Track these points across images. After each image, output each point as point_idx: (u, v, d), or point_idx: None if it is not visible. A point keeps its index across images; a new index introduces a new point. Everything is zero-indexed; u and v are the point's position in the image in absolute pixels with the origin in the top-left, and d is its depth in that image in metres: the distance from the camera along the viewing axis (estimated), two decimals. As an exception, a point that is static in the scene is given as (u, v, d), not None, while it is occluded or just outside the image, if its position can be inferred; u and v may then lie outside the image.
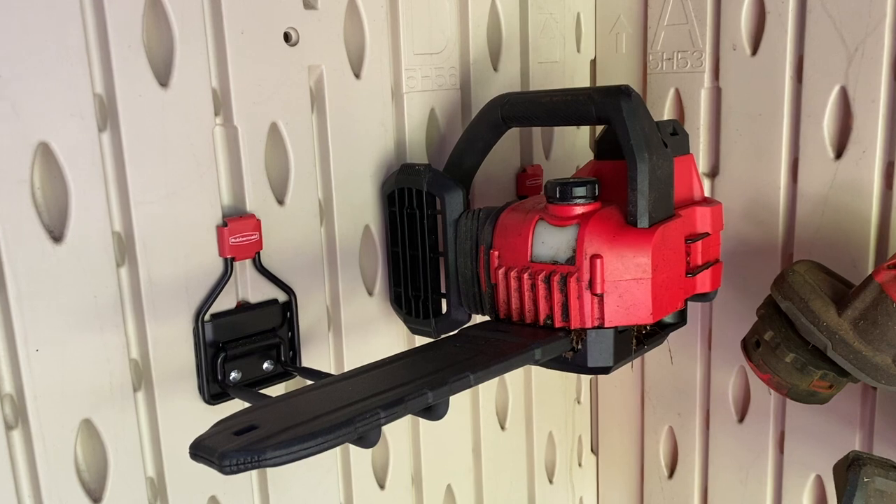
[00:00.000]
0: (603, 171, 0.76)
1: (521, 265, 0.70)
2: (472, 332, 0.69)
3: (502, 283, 0.71)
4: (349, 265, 0.82)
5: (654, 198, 0.68)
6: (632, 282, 0.66)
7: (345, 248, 0.81)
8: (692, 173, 0.78)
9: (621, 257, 0.66)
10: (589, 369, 0.68)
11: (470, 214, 0.76)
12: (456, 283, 0.77)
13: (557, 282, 0.67)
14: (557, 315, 0.68)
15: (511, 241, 0.71)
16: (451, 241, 0.77)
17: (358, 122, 0.80)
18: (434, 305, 0.80)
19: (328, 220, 0.80)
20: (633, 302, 0.67)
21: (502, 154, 0.95)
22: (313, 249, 0.79)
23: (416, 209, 0.79)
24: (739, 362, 1.00)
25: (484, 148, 0.80)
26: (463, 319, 0.79)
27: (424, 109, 0.86)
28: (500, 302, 0.72)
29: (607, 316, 0.67)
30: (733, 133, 0.95)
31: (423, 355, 0.64)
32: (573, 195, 0.68)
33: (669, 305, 0.70)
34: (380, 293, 0.85)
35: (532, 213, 0.70)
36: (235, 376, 0.74)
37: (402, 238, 0.81)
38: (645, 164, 0.66)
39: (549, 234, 0.69)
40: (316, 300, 0.80)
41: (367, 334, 0.84)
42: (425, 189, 0.77)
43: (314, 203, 0.78)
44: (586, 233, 0.66)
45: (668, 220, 0.69)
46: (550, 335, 0.67)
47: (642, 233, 0.67)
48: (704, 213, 0.76)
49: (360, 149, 0.81)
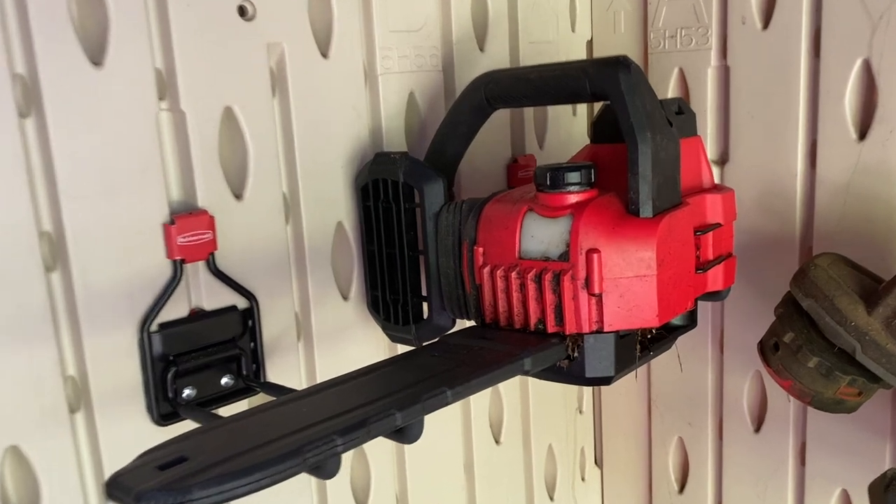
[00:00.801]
0: (600, 156, 0.67)
1: (508, 263, 0.61)
2: (453, 340, 0.61)
3: (487, 283, 0.63)
4: (320, 267, 0.74)
5: (659, 183, 0.59)
6: (634, 279, 0.58)
7: (315, 247, 0.73)
8: (700, 157, 0.70)
9: (622, 251, 0.58)
10: (587, 380, 0.60)
11: (451, 207, 0.67)
12: (437, 284, 0.69)
13: (549, 281, 0.59)
14: (550, 319, 0.59)
15: (496, 235, 0.62)
16: (431, 237, 0.68)
17: (327, 107, 0.72)
18: (414, 310, 0.72)
19: (295, 216, 0.72)
20: (636, 302, 0.58)
21: (491, 143, 0.87)
22: (278, 249, 0.71)
23: (392, 202, 0.70)
24: (755, 366, 0.91)
25: (467, 133, 0.72)
26: (446, 325, 0.70)
27: (402, 93, 0.78)
28: (486, 305, 0.63)
29: (607, 319, 0.58)
30: (744, 116, 0.86)
31: (396, 368, 0.56)
32: (566, 182, 0.60)
33: (678, 306, 0.62)
34: (356, 297, 0.77)
35: (520, 204, 0.62)
36: (189, 393, 0.65)
37: (377, 235, 0.72)
38: (647, 145, 0.58)
39: (540, 227, 0.60)
40: (282, 306, 0.72)
41: (342, 343, 0.76)
42: (401, 180, 0.69)
43: (277, 197, 0.70)
44: (581, 224, 0.58)
45: (674, 209, 0.61)
46: (542, 342, 0.59)
47: (645, 223, 0.58)
48: (715, 200, 0.67)
49: (329, 137, 0.73)
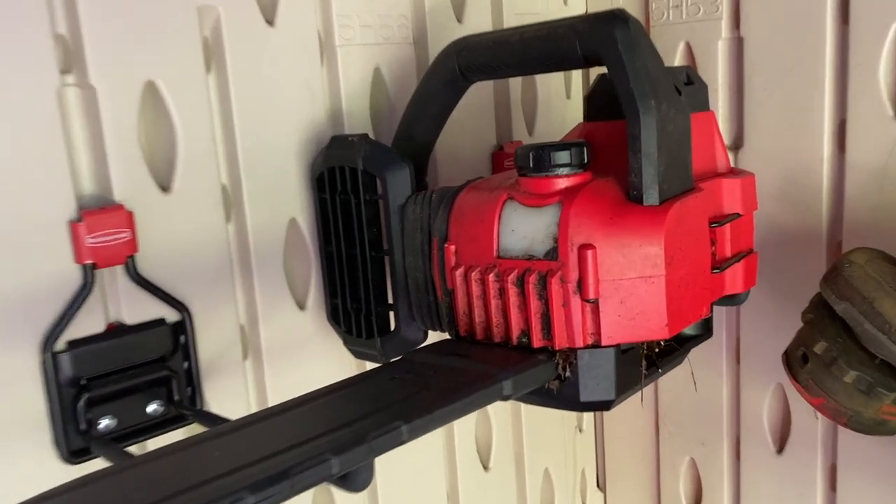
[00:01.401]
0: (596, 136, 0.57)
1: (484, 263, 0.51)
2: (419, 358, 0.50)
3: (461, 288, 0.52)
4: (270, 271, 0.63)
5: (666, 163, 0.49)
6: (638, 281, 0.47)
7: (263, 248, 0.62)
8: (714, 135, 0.59)
9: (622, 246, 0.47)
10: (582, 405, 0.49)
11: (419, 198, 0.57)
12: (405, 290, 0.58)
13: (534, 284, 0.48)
14: (535, 331, 0.49)
15: (471, 230, 0.52)
16: (397, 233, 0.58)
17: (274, 84, 0.62)
18: (379, 321, 0.61)
19: (237, 212, 0.61)
20: (640, 309, 0.47)
21: (474, 129, 0.76)
22: (217, 251, 0.60)
23: (350, 194, 0.60)
24: (776, 379, 0.80)
25: (440, 113, 0.61)
26: (416, 338, 0.60)
27: (366, 68, 0.67)
28: (460, 314, 0.53)
29: (605, 330, 0.48)
30: (760, 93, 0.75)
31: (343, 396, 0.45)
32: (553, 163, 0.49)
33: (691, 312, 0.51)
34: (314, 306, 0.66)
35: (498, 192, 0.51)
36: (108, 424, 0.55)
37: (335, 233, 0.62)
38: (651, 115, 0.47)
39: (522, 219, 0.50)
40: (223, 318, 0.61)
41: (298, 360, 0.65)
42: (361, 167, 0.58)
43: (215, 189, 0.59)
44: (572, 214, 0.47)
45: (685, 196, 0.50)
46: (526, 360, 0.48)
47: (650, 212, 0.48)
48: (733, 186, 0.57)
49: (278, 119, 0.62)
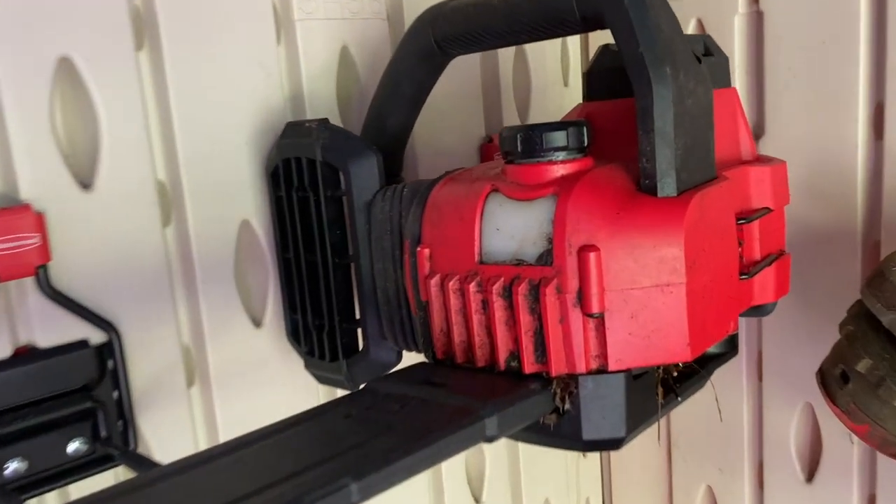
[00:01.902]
0: (598, 118, 0.48)
1: (464, 270, 0.42)
2: (385, 388, 0.41)
3: (437, 300, 0.43)
4: (219, 282, 0.54)
5: (685, 145, 0.39)
6: (653, 291, 0.38)
7: (210, 255, 0.53)
8: (737, 117, 0.50)
9: (632, 248, 0.38)
10: (585, 444, 0.40)
11: (388, 194, 0.48)
12: (374, 303, 0.49)
13: (524, 295, 0.39)
14: (527, 352, 0.40)
15: (448, 230, 0.43)
16: (363, 236, 0.48)
17: (220, 63, 0.53)
18: (346, 340, 0.52)
19: (178, 213, 0.52)
20: (655, 326, 0.38)
21: (460, 118, 0.67)
22: (152, 259, 0.51)
23: (309, 190, 0.50)
24: (804, 397, 0.71)
25: (415, 95, 0.52)
26: (389, 360, 0.50)
27: (332, 46, 0.58)
28: (436, 332, 0.43)
29: (613, 352, 0.38)
30: (784, 73, 0.66)
31: (286, 439, 0.36)
32: (546, 146, 0.40)
33: (716, 328, 0.42)
34: (272, 323, 0.57)
35: (480, 184, 0.42)
36: (18, 468, 0.46)
37: (293, 237, 0.52)
38: (666, 85, 0.38)
39: (509, 216, 0.41)
40: (162, 338, 0.52)
41: (255, 387, 0.56)
42: (319, 157, 0.49)
43: (148, 186, 0.50)
44: (570, 208, 0.38)
45: (708, 186, 0.41)
46: (515, 389, 0.39)
47: (667, 205, 0.39)
48: (762, 175, 0.48)
49: (225, 104, 0.53)
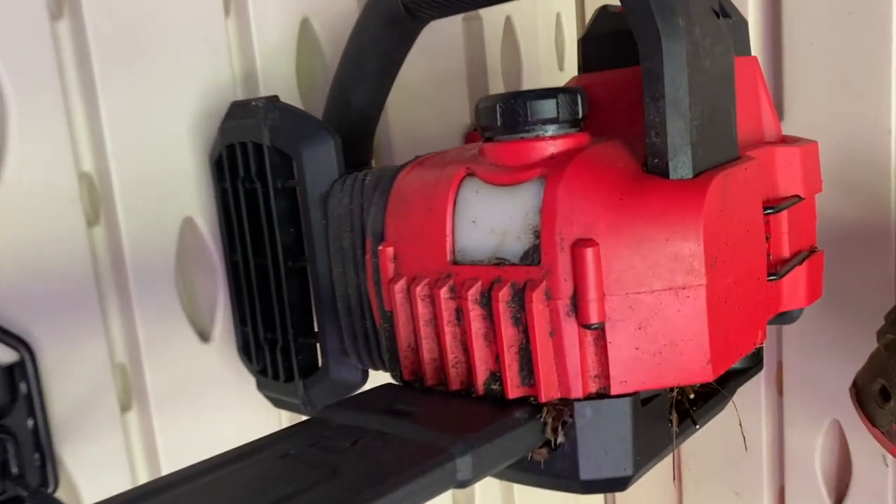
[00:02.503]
0: (596, 91, 0.40)
1: (434, 272, 0.34)
2: (338, 418, 0.33)
3: (402, 310, 0.35)
4: (157, 290, 0.46)
5: (702, 116, 0.32)
6: (665, 295, 0.31)
7: (146, 259, 0.46)
8: (759, 90, 0.42)
9: (639, 242, 0.30)
10: (584, 484, 0.32)
11: (348, 184, 0.40)
12: (333, 313, 0.41)
13: (506, 302, 0.31)
14: (510, 373, 0.32)
15: (415, 224, 0.35)
16: (319, 234, 0.41)
17: (156, 36, 0.45)
18: (302, 357, 0.44)
19: (108, 210, 0.45)
20: (668, 339, 0.31)
21: (442, 105, 0.60)
22: (76, 265, 0.43)
23: (256, 181, 0.43)
24: (831, 413, 0.64)
25: (382, 69, 0.45)
26: (351, 380, 0.43)
27: (290, 19, 0.51)
28: (402, 348, 0.36)
29: (616, 371, 0.31)
30: (805, 49, 0.59)
31: (207, 486, 0.29)
32: (532, 118, 0.33)
33: (741, 340, 0.34)
34: (222, 336, 0.49)
35: (454, 167, 0.35)
36: None
37: (240, 236, 0.45)
38: (679, 40, 0.31)
39: (488, 205, 0.33)
40: (90, 357, 0.44)
41: (203, 411, 0.49)
42: (267, 141, 0.42)
43: (69, 180, 0.43)
44: (561, 193, 0.31)
45: (730, 166, 0.33)
46: (495, 419, 0.31)
47: (681, 188, 0.31)
48: (791, 157, 0.40)
49: (163, 83, 0.46)
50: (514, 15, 0.65)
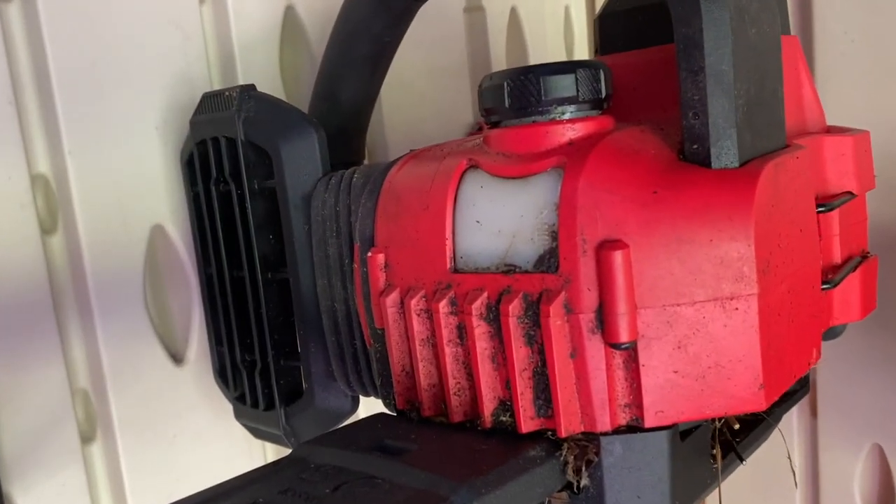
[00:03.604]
0: (615, 72, 0.35)
1: (431, 281, 0.29)
2: (319, 456, 0.28)
3: (395, 326, 0.30)
4: (124, 306, 0.41)
5: (748, 94, 0.27)
6: (710, 308, 0.25)
7: (111, 271, 0.41)
8: (800, 74, 0.37)
9: (678, 244, 0.25)
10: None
11: (334, 182, 0.35)
12: (318, 332, 0.36)
13: (518, 317, 0.26)
14: (524, 402, 0.27)
15: (409, 226, 0.30)
16: (301, 240, 0.36)
17: (120, 20, 0.40)
18: (283, 382, 0.39)
19: (66, 216, 0.40)
20: (713, 360, 0.26)
21: (442, 101, 0.55)
22: (29, 278, 0.38)
23: (231, 182, 0.38)
24: (872, 437, 0.58)
25: (375, 55, 0.40)
26: (339, 409, 0.38)
27: (273, 6, 0.46)
28: (396, 372, 0.31)
29: (651, 400, 0.26)
30: (840, 40, 0.54)
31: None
32: (547, 97, 0.27)
33: (796, 361, 0.29)
34: (197, 358, 0.44)
35: (453, 158, 0.30)
36: None
37: (214, 245, 0.40)
38: (721, 3, 0.26)
39: (495, 201, 0.28)
40: (47, 382, 0.39)
41: (176, 442, 0.43)
42: (242, 136, 0.37)
43: (21, 182, 0.38)
44: (583, 184, 0.26)
45: (780, 154, 0.28)
46: (506, 458, 0.26)
47: (727, 179, 0.26)
48: (842, 147, 0.35)
49: (128, 74, 0.41)
50: (519, 6, 0.60)
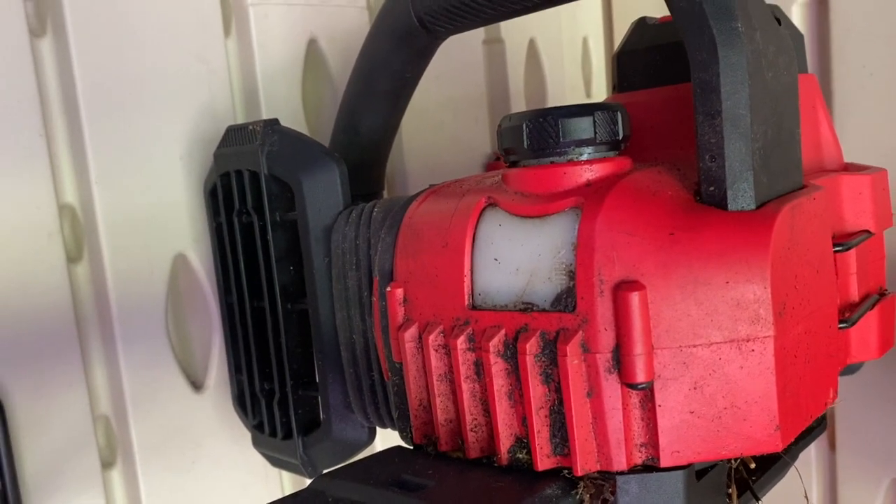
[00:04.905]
0: (633, 112, 0.35)
1: (450, 318, 0.29)
2: (336, 489, 0.28)
3: (413, 361, 0.31)
4: (146, 333, 0.42)
5: (765, 137, 0.27)
6: (726, 349, 0.26)
7: (134, 299, 0.41)
8: (818, 112, 0.38)
9: (695, 285, 0.26)
10: (628, 574, 0.27)
11: (354, 216, 0.36)
12: (336, 363, 0.37)
13: (535, 355, 0.27)
14: (540, 440, 0.27)
15: (428, 262, 0.30)
16: (321, 272, 0.36)
17: (146, 55, 0.41)
18: (301, 412, 0.39)
19: (92, 245, 0.41)
20: (730, 401, 0.26)
21: (461, 133, 0.56)
22: (54, 305, 0.39)
23: (253, 213, 0.39)
24: (891, 473, 0.58)
25: (395, 90, 0.41)
26: (356, 440, 0.38)
27: (296, 39, 0.47)
28: (413, 406, 0.31)
29: (667, 440, 0.26)
30: (857, 72, 0.54)
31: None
32: (565, 139, 0.28)
33: (813, 401, 0.29)
34: (217, 385, 0.45)
35: (473, 196, 0.30)
36: None
37: (235, 275, 0.41)
38: (739, 49, 0.26)
39: (513, 240, 0.28)
40: (68, 408, 0.40)
41: (194, 468, 0.44)
42: (265, 169, 0.37)
43: (48, 210, 0.39)
44: (600, 225, 0.26)
45: (796, 196, 0.29)
46: (522, 496, 0.26)
47: (744, 221, 0.26)
48: (859, 186, 0.35)
49: (155, 107, 0.42)
50: (538, 38, 0.61)
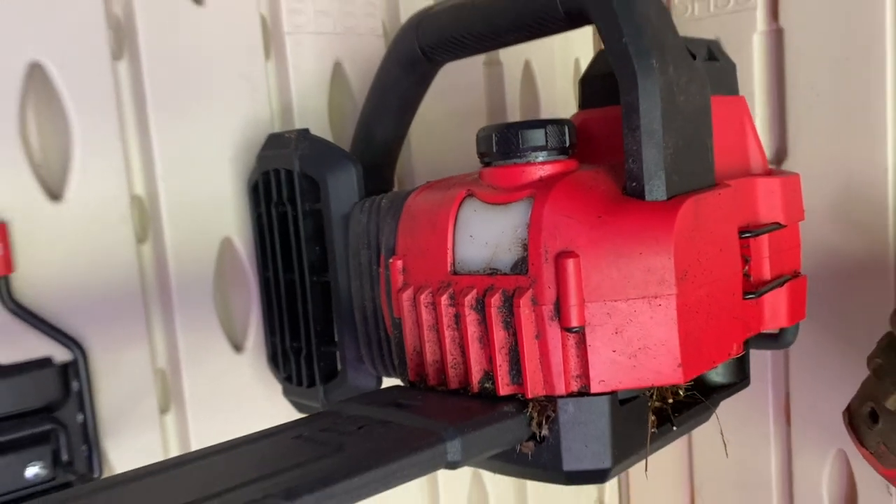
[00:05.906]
0: (591, 125, 0.44)
1: (436, 281, 0.38)
2: (349, 410, 0.37)
3: (409, 316, 0.40)
4: (197, 303, 0.51)
5: (675, 146, 0.36)
6: (639, 303, 0.34)
7: (188, 274, 0.51)
8: (745, 127, 0.46)
9: (616, 255, 0.34)
10: (566, 475, 0.36)
11: (366, 206, 0.45)
12: (351, 324, 0.46)
13: (497, 307, 0.35)
14: (501, 372, 0.36)
15: (421, 239, 0.40)
16: (340, 251, 0.46)
17: (202, 75, 0.51)
18: (323, 365, 0.48)
19: (155, 228, 0.50)
20: (642, 343, 0.34)
21: (463, 141, 0.65)
22: (125, 277, 0.48)
23: (287, 204, 0.48)
24: (837, 443, 0.65)
25: (402, 106, 0.50)
26: (367, 386, 0.47)
27: (323, 61, 0.56)
28: (409, 352, 0.40)
29: (596, 371, 0.35)
30: (807, 94, 0.63)
31: (232, 456, 0.33)
32: (524, 146, 0.37)
33: (715, 350, 0.37)
34: (253, 347, 0.54)
35: (456, 189, 0.39)
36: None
37: (272, 254, 0.50)
38: (653, 79, 0.35)
39: (484, 222, 0.37)
40: (134, 360, 0.49)
41: (234, 416, 0.53)
42: (297, 168, 0.47)
43: (122, 200, 0.48)
44: (547, 210, 0.35)
45: (704, 192, 0.37)
46: (485, 412, 0.35)
47: (655, 208, 0.35)
48: (771, 187, 0.44)
49: (207, 116, 0.51)
50: (533, 59, 0.70)
